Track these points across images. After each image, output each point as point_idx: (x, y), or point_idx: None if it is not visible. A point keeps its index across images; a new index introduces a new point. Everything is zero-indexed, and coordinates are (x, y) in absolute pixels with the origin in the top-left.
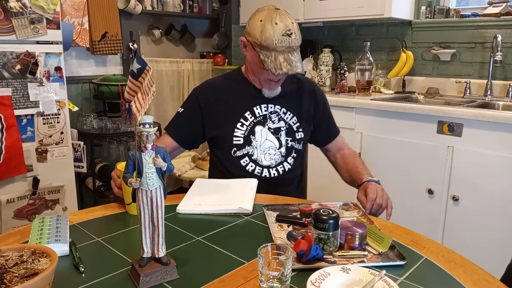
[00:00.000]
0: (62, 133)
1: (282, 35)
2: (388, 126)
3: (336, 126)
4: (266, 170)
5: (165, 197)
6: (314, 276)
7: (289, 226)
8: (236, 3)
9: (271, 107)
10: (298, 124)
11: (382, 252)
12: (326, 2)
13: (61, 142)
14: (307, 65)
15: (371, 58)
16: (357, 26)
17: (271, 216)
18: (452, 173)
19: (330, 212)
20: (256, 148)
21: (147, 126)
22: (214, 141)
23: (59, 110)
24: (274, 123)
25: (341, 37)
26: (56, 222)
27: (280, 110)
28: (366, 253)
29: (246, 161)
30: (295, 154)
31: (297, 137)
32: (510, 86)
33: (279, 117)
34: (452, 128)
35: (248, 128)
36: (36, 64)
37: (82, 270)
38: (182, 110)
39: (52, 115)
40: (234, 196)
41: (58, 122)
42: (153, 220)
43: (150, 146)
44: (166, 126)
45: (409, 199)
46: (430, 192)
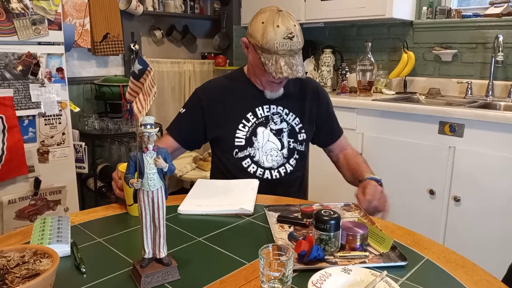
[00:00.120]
0: (63, 134)
1: (284, 38)
2: (389, 127)
3: (339, 127)
4: (268, 172)
5: (166, 197)
6: (315, 276)
7: (290, 227)
8: (237, 4)
9: (273, 108)
10: (301, 125)
11: (383, 252)
12: (327, 2)
13: (62, 143)
14: (309, 65)
15: (373, 59)
16: (358, 26)
17: (272, 216)
18: (453, 173)
19: (331, 212)
20: (258, 149)
21: (149, 127)
22: (215, 142)
23: (61, 111)
24: (276, 124)
25: (342, 37)
26: (57, 222)
27: (282, 111)
28: (367, 253)
29: (248, 162)
30: (297, 156)
31: (299, 138)
32: (511, 86)
33: (281, 118)
34: (453, 128)
35: (250, 129)
36: (37, 65)
37: (84, 270)
38: (184, 110)
39: (53, 116)
40: (235, 196)
41: (60, 123)
42: (154, 220)
43: (151, 147)
44: (168, 127)
45: (410, 200)
46: (432, 192)
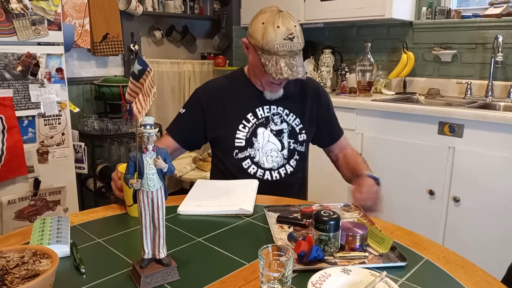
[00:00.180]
0: (63, 134)
1: (284, 39)
2: (389, 127)
3: (339, 127)
4: (268, 173)
5: (166, 198)
6: (315, 277)
7: (290, 227)
8: (237, 4)
9: (274, 109)
10: (301, 125)
11: (383, 253)
12: (327, 3)
13: (62, 143)
14: (308, 66)
15: (372, 59)
16: (358, 27)
17: (272, 217)
18: (453, 174)
19: (331, 213)
20: (258, 150)
21: (148, 127)
22: (215, 142)
23: (60, 111)
24: (276, 125)
25: (342, 38)
26: (57, 223)
27: (282, 111)
28: (367, 254)
29: (248, 163)
30: (298, 157)
31: (299, 139)
32: (511, 87)
33: (282, 119)
34: (453, 129)
35: (250, 130)
36: (37, 65)
37: (83, 271)
38: (184, 111)
39: (53, 116)
40: (235, 197)
41: (59, 123)
42: (154, 221)
43: (151, 147)
44: (168, 127)
45: (410, 200)
46: (431, 193)
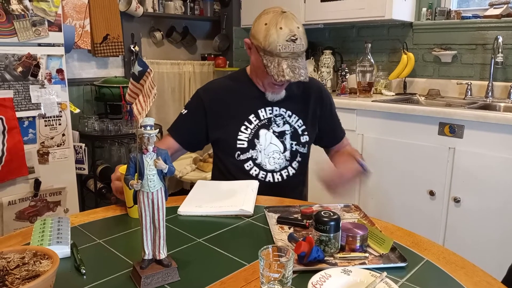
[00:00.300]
0: (63, 135)
1: (287, 41)
2: (389, 128)
3: (341, 128)
4: (270, 175)
5: (166, 199)
6: (315, 278)
7: (290, 228)
8: (237, 5)
9: (276, 110)
10: (304, 127)
11: (383, 254)
12: (327, 4)
13: (62, 144)
14: (308, 67)
15: (372, 60)
16: (358, 27)
17: (272, 218)
18: (453, 174)
19: (331, 214)
20: (260, 152)
21: (148, 128)
22: (217, 143)
23: (61, 112)
24: (279, 127)
25: (342, 38)
26: (57, 224)
27: (285, 113)
28: (367, 255)
29: (250, 165)
30: (300, 158)
31: (302, 140)
32: (511, 87)
33: (284, 120)
34: (453, 129)
35: (252, 131)
36: (37, 66)
37: (84, 272)
38: (186, 111)
39: (53, 117)
40: (235, 198)
41: (60, 124)
42: (154, 222)
43: (151, 148)
44: (169, 128)
45: (410, 201)
46: (432, 193)
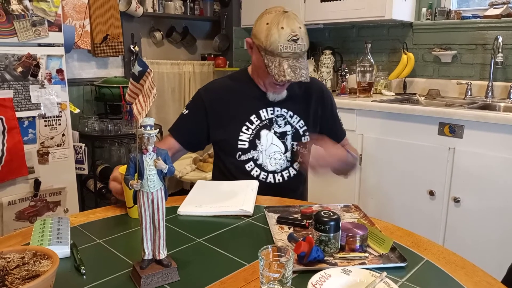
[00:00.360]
0: (63, 135)
1: (288, 41)
2: (389, 128)
3: (342, 128)
4: (271, 176)
5: (166, 199)
6: (315, 278)
7: (290, 228)
8: (237, 5)
9: (278, 111)
10: (305, 127)
11: (383, 253)
12: (327, 4)
13: (62, 144)
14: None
15: (372, 60)
16: (358, 28)
17: (272, 218)
18: (453, 174)
19: (331, 214)
20: (261, 152)
21: (148, 128)
22: (218, 144)
23: (61, 112)
24: (280, 127)
25: (342, 39)
26: (57, 224)
27: (286, 113)
28: (367, 255)
29: (251, 165)
30: (301, 159)
31: (303, 141)
32: (511, 87)
33: (286, 120)
34: (453, 129)
35: (253, 132)
36: (37, 66)
37: (83, 272)
38: (187, 111)
39: (53, 117)
40: (235, 198)
41: (60, 124)
42: (154, 222)
43: (151, 148)
44: (170, 128)
45: (410, 201)
46: (431, 193)
